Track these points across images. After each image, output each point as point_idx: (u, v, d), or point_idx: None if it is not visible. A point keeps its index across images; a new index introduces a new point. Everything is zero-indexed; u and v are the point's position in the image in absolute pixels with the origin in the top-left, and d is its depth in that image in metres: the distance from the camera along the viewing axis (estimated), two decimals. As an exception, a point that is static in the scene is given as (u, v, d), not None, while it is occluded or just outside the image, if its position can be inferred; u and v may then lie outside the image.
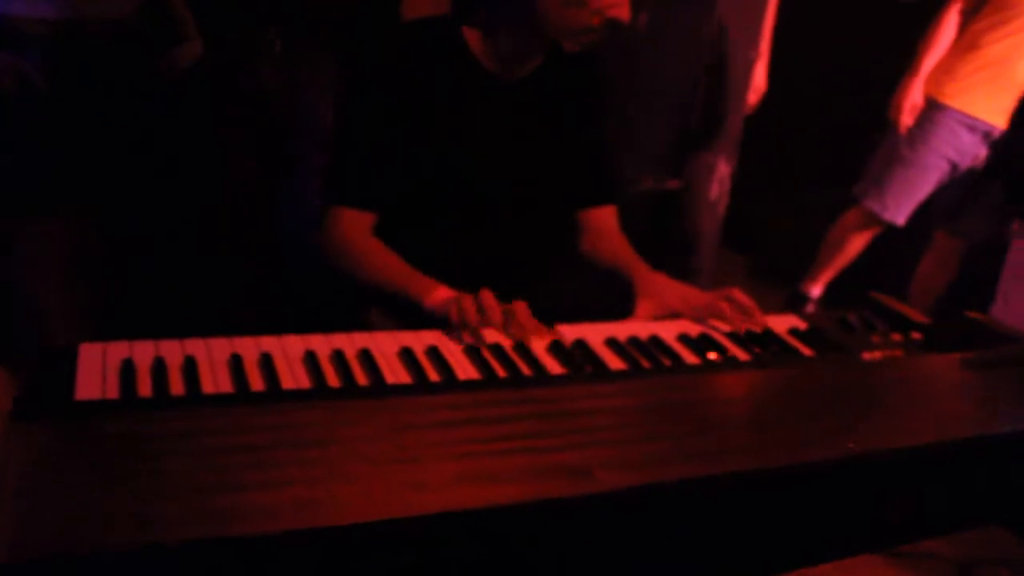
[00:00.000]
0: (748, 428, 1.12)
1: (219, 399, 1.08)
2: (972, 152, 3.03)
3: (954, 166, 3.04)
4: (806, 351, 1.46)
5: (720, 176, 2.80)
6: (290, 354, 1.20)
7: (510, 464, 0.92)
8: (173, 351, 1.16)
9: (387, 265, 1.55)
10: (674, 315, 1.55)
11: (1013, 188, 2.68)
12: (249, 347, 1.20)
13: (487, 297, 1.35)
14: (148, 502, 0.79)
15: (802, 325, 1.55)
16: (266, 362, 1.16)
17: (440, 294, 1.44)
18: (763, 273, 1.47)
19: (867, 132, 3.41)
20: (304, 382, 1.14)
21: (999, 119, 3.00)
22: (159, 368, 1.11)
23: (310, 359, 1.19)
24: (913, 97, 3.00)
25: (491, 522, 0.86)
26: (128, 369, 1.10)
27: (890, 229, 3.18)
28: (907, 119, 3.02)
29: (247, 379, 1.12)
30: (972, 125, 2.96)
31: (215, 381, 1.11)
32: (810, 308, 3.25)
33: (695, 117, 2.62)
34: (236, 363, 1.15)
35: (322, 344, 1.23)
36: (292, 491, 0.83)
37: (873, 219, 3.14)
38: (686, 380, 1.30)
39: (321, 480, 0.85)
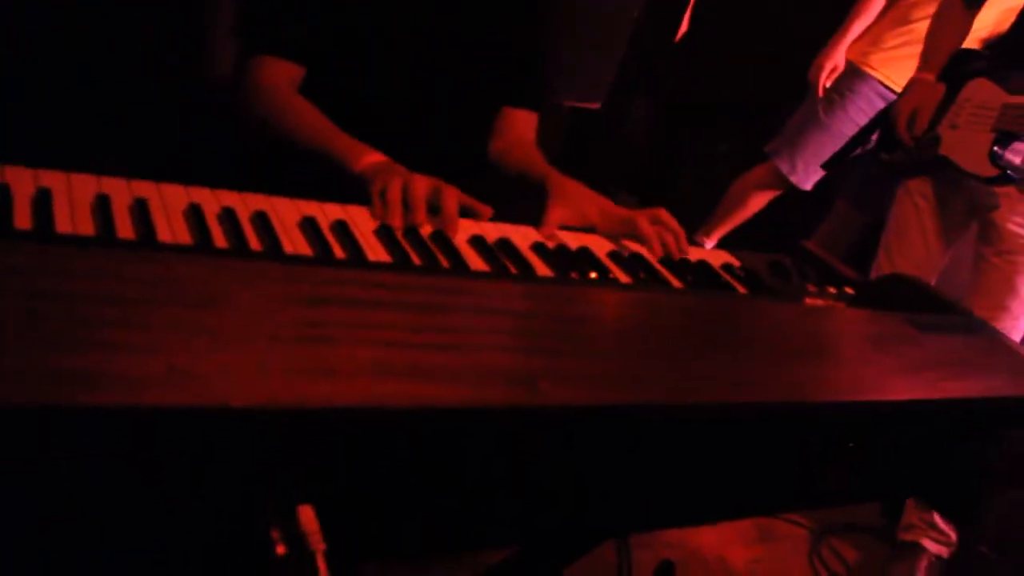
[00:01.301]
0: (691, 359, 0.98)
1: (76, 240, 0.87)
2: None
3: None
4: (741, 289, 1.33)
5: (636, 108, 2.66)
6: (169, 204, 0.99)
7: (439, 360, 0.75)
8: (22, 180, 0.94)
9: (313, 122, 1.35)
10: (588, 229, 1.39)
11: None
12: (120, 189, 0.98)
13: (417, 190, 1.15)
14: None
15: (736, 262, 1.43)
16: (140, 208, 0.95)
17: (374, 157, 1.25)
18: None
19: (782, 92, 3.35)
20: (184, 237, 0.94)
21: None
22: (2, 195, 0.89)
23: (194, 213, 0.98)
24: (835, 60, 2.93)
25: (416, 426, 0.69)
26: (-38, 190, 0.88)
27: (791, 193, 3.12)
28: (825, 81, 2.95)
29: (114, 224, 0.91)
30: (889, 98, 2.90)
31: (73, 221, 0.90)
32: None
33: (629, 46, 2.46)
34: (102, 204, 0.94)
35: (209, 199, 1.03)
36: (168, 358, 0.64)
37: (779, 179, 3.07)
38: (618, 297, 1.14)
39: (205, 350, 0.66)
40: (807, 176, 3.04)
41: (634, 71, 2.69)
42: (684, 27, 3.22)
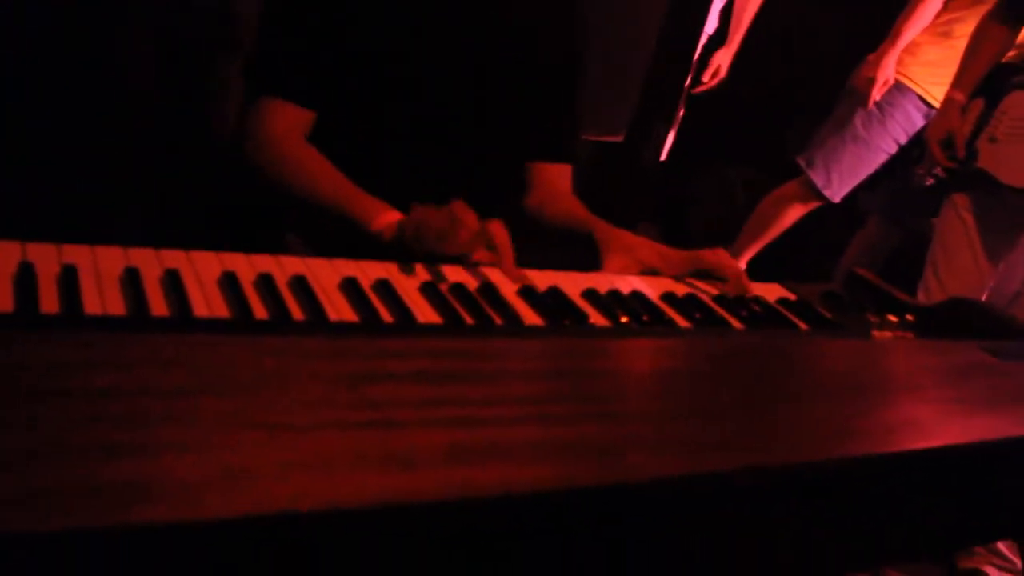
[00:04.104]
0: (772, 411, 0.90)
1: (108, 323, 0.80)
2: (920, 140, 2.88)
3: (901, 152, 2.90)
4: (802, 325, 1.25)
5: (658, 138, 2.59)
6: (202, 274, 0.92)
7: (518, 436, 0.68)
8: (46, 257, 0.87)
9: (325, 176, 1.28)
10: (649, 273, 1.32)
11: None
12: (149, 261, 0.91)
13: (461, 207, 1.09)
14: (5, 467, 0.51)
15: (791, 296, 1.35)
16: (172, 280, 0.88)
17: (391, 216, 1.18)
18: (678, 246, 1.34)
19: (791, 114, 3.30)
20: (221, 310, 0.87)
21: None
22: (26, 275, 0.82)
23: (229, 283, 0.91)
24: (887, 72, 2.80)
25: (503, 515, 0.61)
26: (-18, 274, 0.81)
27: (817, 209, 3.04)
28: (877, 94, 2.83)
29: (146, 300, 0.84)
30: (927, 114, 2.81)
31: (102, 300, 0.83)
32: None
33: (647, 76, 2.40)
34: (132, 279, 0.87)
35: (243, 266, 0.96)
36: (221, 458, 0.57)
37: (812, 193, 2.96)
38: (682, 344, 1.07)
39: (263, 444, 0.59)
40: (840, 189, 2.94)
41: (655, 102, 2.63)
42: (723, 71, 3.16)
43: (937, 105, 2.76)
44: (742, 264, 3.12)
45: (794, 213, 3.04)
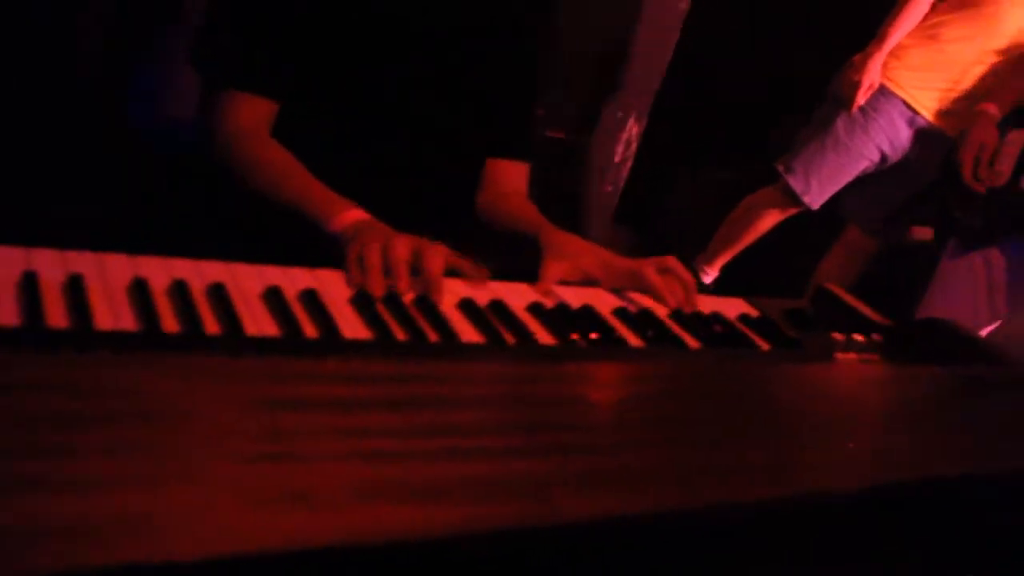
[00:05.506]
0: (723, 443, 0.83)
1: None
2: (904, 147, 2.80)
3: (884, 159, 2.82)
4: (763, 344, 1.20)
5: (628, 136, 2.51)
6: (110, 281, 0.85)
7: (434, 473, 0.61)
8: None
9: (288, 171, 1.22)
10: (589, 283, 1.25)
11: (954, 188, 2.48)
12: (55, 263, 0.84)
13: (398, 252, 1.02)
14: None
15: (753, 311, 1.30)
16: (74, 287, 0.81)
17: (352, 215, 1.12)
18: (649, 251, 1.28)
19: (768, 113, 3.25)
20: (128, 322, 0.80)
21: (942, 121, 2.74)
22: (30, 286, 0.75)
23: (137, 290, 0.84)
24: (872, 75, 2.69)
25: (409, 562, 0.55)
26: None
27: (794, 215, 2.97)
28: (862, 98, 2.73)
29: (43, 310, 0.77)
30: (912, 120, 2.74)
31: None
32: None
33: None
34: (30, 285, 0.80)
35: (157, 271, 0.89)
36: (112, 498, 0.50)
37: (790, 199, 2.88)
38: (631, 367, 1.01)
39: (150, 480, 0.53)
40: (820, 195, 2.85)
41: (627, 99, 2.56)
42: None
43: (923, 112, 2.71)
44: (714, 271, 3.06)
45: (771, 219, 2.95)
